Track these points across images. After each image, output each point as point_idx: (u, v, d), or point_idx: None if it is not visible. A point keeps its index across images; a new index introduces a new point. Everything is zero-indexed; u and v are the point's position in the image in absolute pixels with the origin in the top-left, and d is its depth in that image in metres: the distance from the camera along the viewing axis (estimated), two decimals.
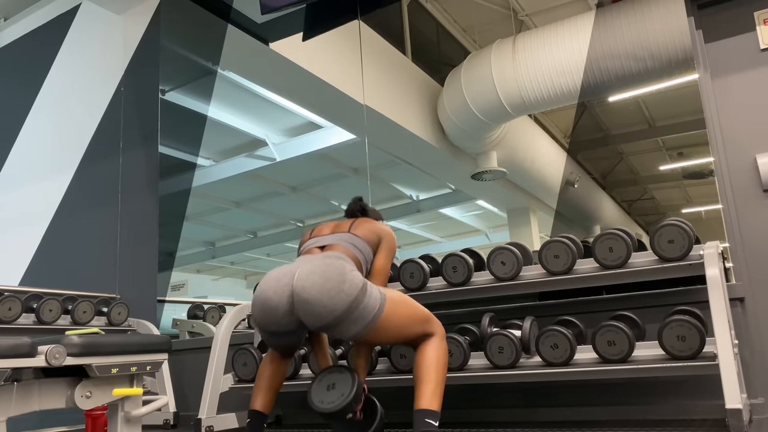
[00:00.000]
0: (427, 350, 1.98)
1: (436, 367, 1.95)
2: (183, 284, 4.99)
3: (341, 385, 1.98)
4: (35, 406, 1.69)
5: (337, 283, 1.87)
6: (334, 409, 1.95)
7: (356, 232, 2.25)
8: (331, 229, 2.31)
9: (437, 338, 2.02)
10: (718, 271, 2.04)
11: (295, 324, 1.96)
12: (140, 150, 4.35)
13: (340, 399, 1.95)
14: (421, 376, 1.94)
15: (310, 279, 1.89)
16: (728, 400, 1.86)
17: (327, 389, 2.00)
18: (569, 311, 2.54)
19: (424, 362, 1.96)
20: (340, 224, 2.33)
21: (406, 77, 5.15)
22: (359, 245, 2.20)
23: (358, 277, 1.93)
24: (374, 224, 2.33)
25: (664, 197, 5.51)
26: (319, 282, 1.87)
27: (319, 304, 1.86)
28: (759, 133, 2.55)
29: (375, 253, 2.26)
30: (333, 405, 1.95)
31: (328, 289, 1.86)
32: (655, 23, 4.01)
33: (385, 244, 2.28)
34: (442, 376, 1.95)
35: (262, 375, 2.20)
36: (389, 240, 2.29)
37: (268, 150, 5.87)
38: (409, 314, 2.01)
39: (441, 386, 1.93)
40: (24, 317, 3.18)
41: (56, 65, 4.96)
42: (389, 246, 2.29)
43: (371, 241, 2.25)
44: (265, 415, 2.16)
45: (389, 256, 2.28)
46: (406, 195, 6.52)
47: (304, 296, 1.87)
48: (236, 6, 4.48)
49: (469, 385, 2.56)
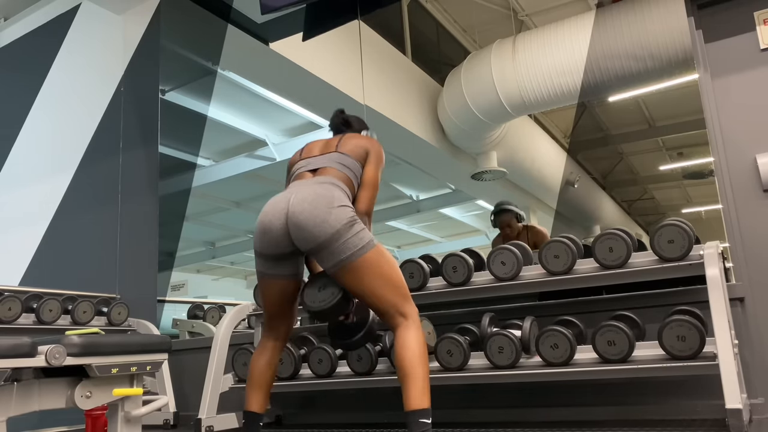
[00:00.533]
0: (407, 342, 1.98)
1: (421, 361, 1.95)
2: (183, 284, 5.00)
3: (331, 285, 2.07)
4: (35, 406, 1.69)
5: (323, 212, 1.99)
6: (325, 306, 2.03)
7: (343, 149, 2.28)
8: (320, 149, 2.34)
9: (414, 326, 2.02)
10: (718, 271, 2.04)
11: (290, 246, 2.05)
12: (140, 150, 4.35)
13: (330, 297, 2.04)
14: (406, 373, 1.94)
15: (301, 205, 2.01)
16: (728, 400, 1.86)
17: (318, 290, 2.09)
18: (569, 311, 2.54)
19: (406, 356, 1.96)
20: (329, 143, 2.35)
21: (406, 77, 5.15)
22: (348, 163, 2.25)
23: (346, 213, 2.02)
24: (360, 138, 2.36)
25: (664, 197, 5.51)
26: (308, 209, 2.00)
27: (306, 229, 1.99)
28: (759, 133, 2.55)
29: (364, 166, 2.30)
30: (324, 303, 2.04)
31: (314, 216, 1.99)
32: (655, 23, 4.01)
33: (373, 155, 2.31)
34: (426, 370, 1.96)
35: (251, 372, 2.19)
36: (376, 151, 2.33)
37: (268, 150, 5.87)
38: (390, 275, 2.04)
39: (427, 380, 1.94)
40: (24, 317, 3.18)
41: (56, 65, 4.96)
42: (377, 156, 2.33)
43: (359, 156, 2.29)
44: (260, 415, 2.16)
45: (378, 166, 2.33)
46: (406, 195, 6.52)
47: (294, 220, 2.01)
48: (236, 6, 4.48)
49: (469, 385, 2.57)
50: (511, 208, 3.92)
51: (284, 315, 2.23)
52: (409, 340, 1.98)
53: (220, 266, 8.06)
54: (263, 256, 2.12)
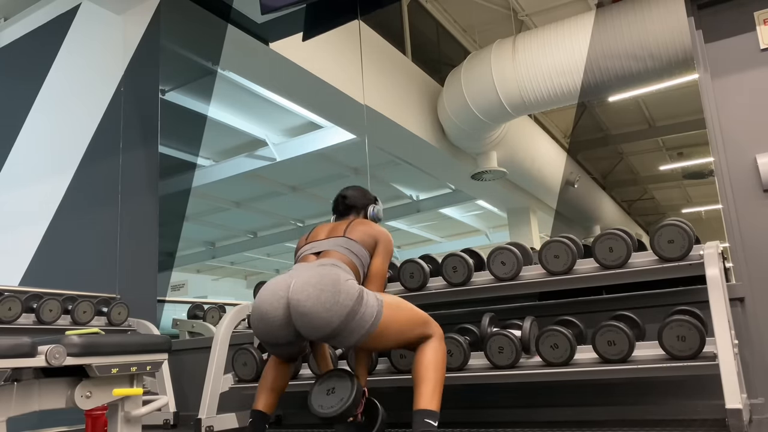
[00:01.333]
0: (426, 351, 1.98)
1: (435, 367, 1.95)
2: (183, 284, 4.99)
3: (341, 389, 1.99)
4: (35, 406, 1.69)
5: (332, 294, 1.86)
6: (334, 413, 1.96)
7: (351, 235, 2.22)
8: (327, 233, 2.28)
9: (436, 339, 2.02)
10: (718, 271, 2.04)
11: (294, 335, 1.96)
12: (140, 150, 4.35)
13: (339, 404, 1.96)
14: (420, 377, 1.94)
15: (305, 291, 1.88)
16: (728, 400, 1.86)
17: (327, 393, 2.01)
18: (569, 311, 2.54)
19: (422, 362, 1.96)
20: (336, 227, 2.30)
21: (406, 77, 5.15)
22: (355, 249, 2.18)
23: (353, 287, 1.92)
24: (370, 226, 2.30)
25: (664, 197, 5.51)
26: (314, 294, 1.87)
27: (315, 317, 1.86)
28: (759, 133, 2.55)
29: (372, 256, 2.24)
30: (332, 410, 1.96)
31: (323, 301, 1.85)
32: (655, 23, 4.01)
33: (382, 246, 2.25)
34: (441, 376, 1.95)
35: (266, 376, 2.21)
36: (386, 242, 2.27)
37: (268, 150, 5.86)
38: (407, 318, 2.00)
39: (440, 386, 1.94)
40: (24, 317, 3.18)
41: (56, 65, 4.96)
42: (386, 248, 2.26)
43: (367, 244, 2.22)
44: (267, 416, 2.17)
45: (386, 258, 2.26)
46: (406, 195, 6.51)
47: (300, 309, 1.88)
48: (236, 6, 4.48)
49: (469, 385, 2.57)
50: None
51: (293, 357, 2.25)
52: (428, 349, 1.99)
53: (220, 266, 8.06)
54: (264, 342, 2.06)
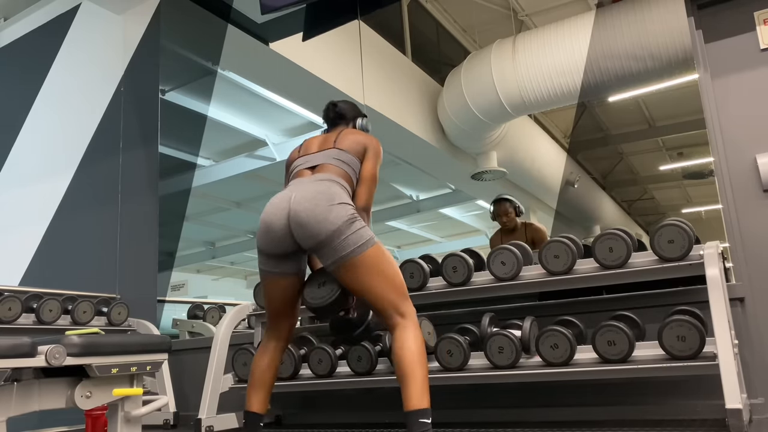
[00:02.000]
0: (406, 342, 1.98)
1: (420, 361, 1.96)
2: (183, 284, 5.00)
3: (331, 282, 2.10)
4: (35, 406, 1.69)
5: (323, 209, 2.02)
6: (324, 303, 2.07)
7: (341, 146, 2.29)
8: (318, 145, 2.35)
9: (412, 326, 2.02)
10: (718, 271, 2.04)
11: (293, 245, 2.08)
12: (140, 150, 4.35)
13: (330, 294, 2.07)
14: (405, 374, 1.94)
15: (302, 204, 2.04)
16: (728, 400, 1.86)
17: (318, 286, 2.12)
18: (569, 311, 2.54)
19: (405, 356, 1.96)
20: (326, 139, 2.37)
21: (406, 77, 5.15)
22: (346, 159, 2.26)
23: (346, 210, 2.04)
24: (357, 135, 2.37)
25: (664, 197, 5.51)
26: (309, 207, 2.03)
27: (307, 227, 2.02)
28: (759, 133, 2.55)
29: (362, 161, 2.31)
30: (323, 300, 2.07)
31: (315, 214, 2.01)
32: (655, 23, 4.01)
33: (371, 151, 2.33)
34: (425, 370, 1.96)
35: (253, 372, 2.20)
36: (374, 147, 2.34)
37: (268, 150, 5.87)
38: (389, 274, 2.05)
39: (426, 380, 1.95)
40: (24, 317, 3.18)
41: (56, 65, 4.96)
42: (375, 152, 2.34)
43: (357, 152, 2.30)
44: (260, 416, 2.16)
45: (376, 162, 2.34)
46: (406, 195, 6.52)
47: (297, 219, 2.03)
48: (236, 6, 4.48)
49: (469, 385, 2.56)
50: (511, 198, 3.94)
51: (286, 314, 2.23)
52: (407, 341, 1.99)
53: (220, 266, 8.07)
54: (266, 254, 2.14)
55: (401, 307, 2.03)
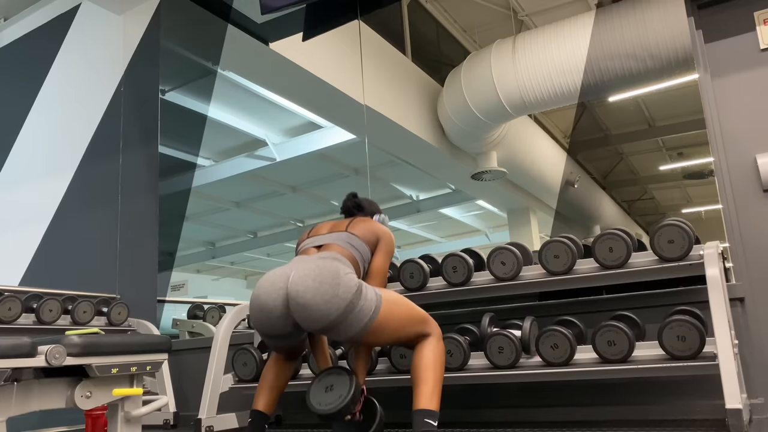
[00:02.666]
0: (424, 350, 1.98)
1: (434, 367, 1.95)
2: (183, 284, 5.00)
3: (339, 386, 1.98)
4: (35, 406, 1.69)
5: (330, 286, 1.85)
6: (332, 410, 1.95)
7: (354, 231, 2.22)
8: (329, 228, 2.29)
9: (434, 338, 2.02)
10: (718, 271, 2.04)
11: (293, 327, 1.95)
12: (140, 150, 4.35)
13: (337, 401, 1.95)
14: (419, 376, 1.94)
15: (304, 283, 1.86)
16: (728, 400, 1.86)
17: (325, 390, 2.00)
18: (569, 311, 2.54)
19: (421, 362, 1.96)
20: (338, 223, 2.31)
21: (406, 77, 5.15)
22: (356, 244, 2.18)
23: (352, 280, 1.91)
24: (372, 224, 2.31)
25: (664, 197, 5.51)
26: (313, 286, 1.85)
27: (314, 309, 1.84)
28: (759, 133, 2.55)
29: (373, 253, 2.25)
30: (330, 407, 1.95)
31: (322, 293, 1.84)
32: (655, 23, 4.01)
33: (384, 244, 2.26)
34: (440, 376, 1.95)
35: (265, 376, 2.21)
36: (387, 240, 2.28)
37: (268, 150, 5.87)
38: (405, 315, 2.00)
39: (439, 386, 1.94)
40: (24, 317, 3.17)
41: (56, 65, 4.96)
42: (387, 246, 2.27)
43: (369, 241, 2.23)
44: (266, 416, 2.17)
45: (387, 256, 2.27)
46: (406, 195, 6.52)
47: (299, 301, 1.86)
48: (236, 6, 4.48)
49: (469, 385, 2.56)
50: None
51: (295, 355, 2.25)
52: (426, 349, 1.98)
53: (220, 266, 8.07)
54: (263, 334, 2.05)
55: (425, 331, 2.02)
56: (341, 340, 2.00)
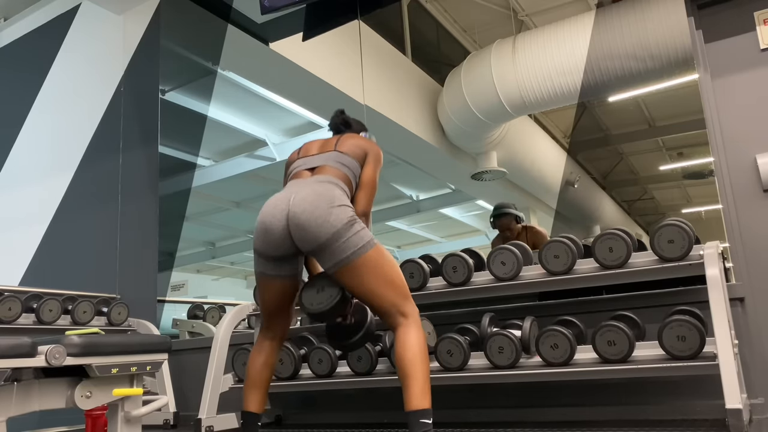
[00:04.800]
0: (408, 341, 1.98)
1: (421, 360, 1.96)
2: (183, 284, 4.99)
3: (330, 288, 2.08)
4: (35, 406, 1.69)
5: (323, 211, 1.99)
6: (323, 309, 2.04)
7: (342, 149, 2.28)
8: (318, 148, 2.34)
9: (414, 326, 2.02)
10: (718, 271, 2.04)
11: (291, 247, 2.05)
12: (140, 150, 4.35)
13: (328, 300, 2.05)
14: (406, 373, 1.94)
15: (301, 206, 2.02)
16: (728, 400, 1.86)
17: (317, 291, 2.10)
18: (569, 311, 2.54)
19: (407, 357, 1.96)
20: (327, 142, 2.36)
21: (406, 77, 5.15)
22: (346, 162, 2.25)
23: (346, 212, 2.02)
24: (359, 139, 2.36)
25: (664, 197, 5.51)
26: (309, 209, 2.00)
27: (307, 229, 1.99)
28: (759, 133, 2.55)
29: (362, 167, 2.30)
30: (322, 306, 2.05)
31: (315, 217, 1.99)
32: (655, 23, 4.01)
33: (372, 156, 2.33)
34: (426, 369, 1.96)
35: (249, 372, 2.20)
36: (375, 152, 2.35)
37: (268, 150, 5.86)
38: (390, 274, 2.04)
39: (428, 380, 1.94)
40: (24, 317, 3.18)
41: (56, 65, 4.96)
42: (375, 158, 2.34)
43: (357, 156, 2.29)
44: (258, 415, 2.16)
45: (376, 167, 2.34)
46: (406, 195, 6.51)
47: (296, 221, 2.01)
48: (236, 6, 4.48)
49: (469, 385, 2.57)
50: (510, 210, 3.91)
51: (282, 314, 2.23)
52: (409, 340, 1.99)
53: (220, 266, 8.06)
54: (263, 257, 2.11)
55: (403, 308, 2.03)
56: (327, 266, 2.04)
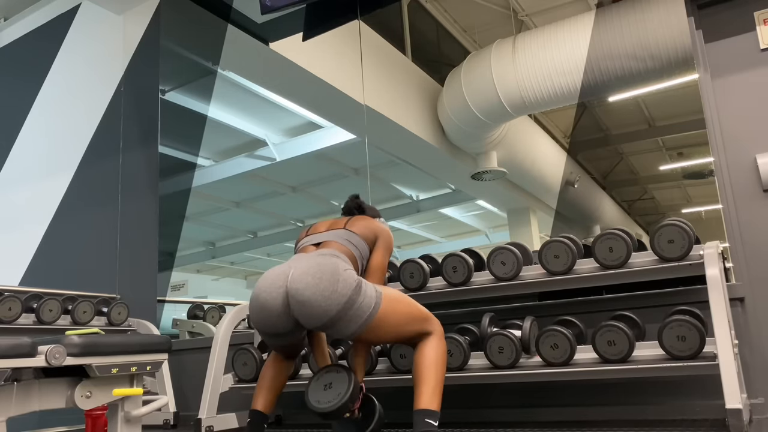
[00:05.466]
0: (425, 349, 1.98)
1: (436, 366, 1.94)
2: (183, 284, 4.99)
3: (338, 384, 1.98)
4: (35, 406, 1.69)
5: (330, 283, 1.86)
6: (330, 408, 1.95)
7: (352, 228, 2.24)
8: (327, 226, 2.30)
9: (436, 337, 2.01)
10: (718, 271, 2.04)
11: (292, 325, 1.95)
12: (140, 150, 4.35)
13: (336, 398, 1.95)
14: (420, 376, 1.93)
15: (303, 280, 1.88)
16: (728, 400, 1.86)
17: (324, 388, 2.00)
18: (569, 311, 2.54)
19: (423, 361, 1.95)
20: (337, 221, 2.32)
21: (406, 77, 5.15)
22: (355, 241, 2.19)
23: (352, 276, 1.91)
24: (371, 221, 2.32)
25: (664, 197, 5.51)
26: (313, 283, 1.86)
27: (313, 305, 1.85)
28: (759, 133, 2.55)
29: (372, 251, 2.25)
30: (329, 405, 1.95)
31: (321, 290, 1.85)
32: (655, 23, 4.01)
33: (382, 241, 2.27)
34: (441, 376, 1.95)
35: (264, 375, 2.20)
36: (386, 237, 2.29)
37: (268, 150, 5.86)
38: (406, 312, 2.00)
39: (440, 385, 1.93)
40: (24, 317, 3.17)
41: (56, 65, 4.96)
42: (386, 243, 2.28)
43: (367, 238, 2.24)
44: (265, 416, 2.17)
45: (386, 253, 2.28)
46: (406, 195, 6.51)
47: (299, 298, 1.87)
48: (236, 6, 4.48)
49: (469, 385, 2.56)
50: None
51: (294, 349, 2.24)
52: (427, 348, 1.97)
53: (220, 266, 8.06)
54: (262, 333, 2.05)
55: (426, 329, 2.01)
56: (341, 337, 1.99)
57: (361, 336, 1.94)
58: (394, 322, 1.95)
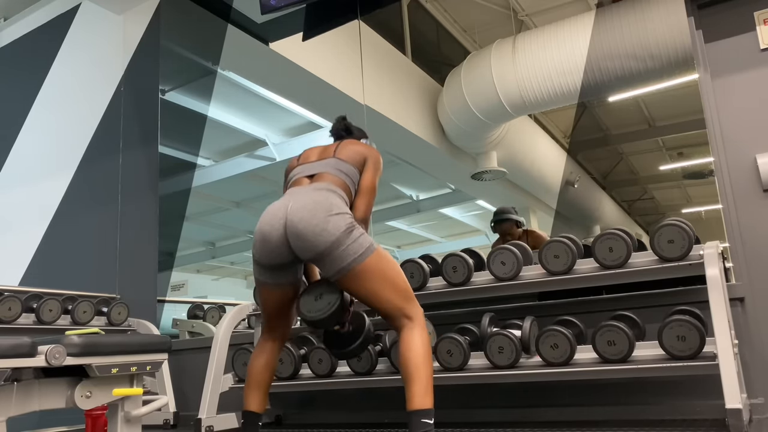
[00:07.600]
0: (411, 343, 1.98)
1: (424, 361, 1.95)
2: (183, 284, 4.99)
3: (328, 295, 2.06)
4: (35, 406, 1.69)
5: (321, 220, 1.98)
6: (320, 317, 2.02)
7: (341, 155, 2.28)
8: (318, 154, 2.34)
9: (418, 327, 2.02)
10: (718, 271, 2.04)
11: (290, 255, 2.04)
12: (140, 150, 4.35)
13: (326, 307, 2.03)
14: (410, 374, 1.94)
15: (299, 214, 2.00)
16: (728, 400, 1.86)
17: (315, 299, 2.08)
18: (569, 311, 2.54)
19: (410, 358, 1.96)
20: (327, 149, 2.36)
21: (406, 77, 5.15)
22: (345, 169, 2.24)
23: (344, 220, 2.01)
24: (358, 145, 2.36)
25: (664, 197, 5.51)
26: (307, 218, 1.99)
27: (305, 238, 1.98)
28: (759, 133, 2.55)
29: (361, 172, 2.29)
30: (319, 313, 2.03)
31: (313, 226, 1.97)
32: (655, 23, 4.01)
33: (371, 162, 2.32)
34: (430, 370, 1.95)
35: (251, 372, 2.20)
36: (374, 158, 2.34)
37: (268, 150, 5.86)
38: (391, 278, 2.03)
39: (431, 381, 1.94)
40: (24, 317, 3.18)
41: (56, 65, 4.96)
42: (375, 163, 2.33)
43: (356, 162, 2.28)
44: (259, 415, 2.17)
45: (375, 173, 2.33)
46: (406, 195, 6.51)
47: (293, 230, 1.99)
48: (236, 6, 4.48)
49: (469, 385, 2.57)
50: (511, 216, 3.90)
51: (283, 318, 2.23)
52: (413, 341, 1.98)
53: (220, 266, 8.06)
54: (262, 265, 2.11)
55: (407, 310, 2.02)
56: (328, 274, 2.03)
57: (343, 279, 2.00)
58: (377, 279, 2.00)
